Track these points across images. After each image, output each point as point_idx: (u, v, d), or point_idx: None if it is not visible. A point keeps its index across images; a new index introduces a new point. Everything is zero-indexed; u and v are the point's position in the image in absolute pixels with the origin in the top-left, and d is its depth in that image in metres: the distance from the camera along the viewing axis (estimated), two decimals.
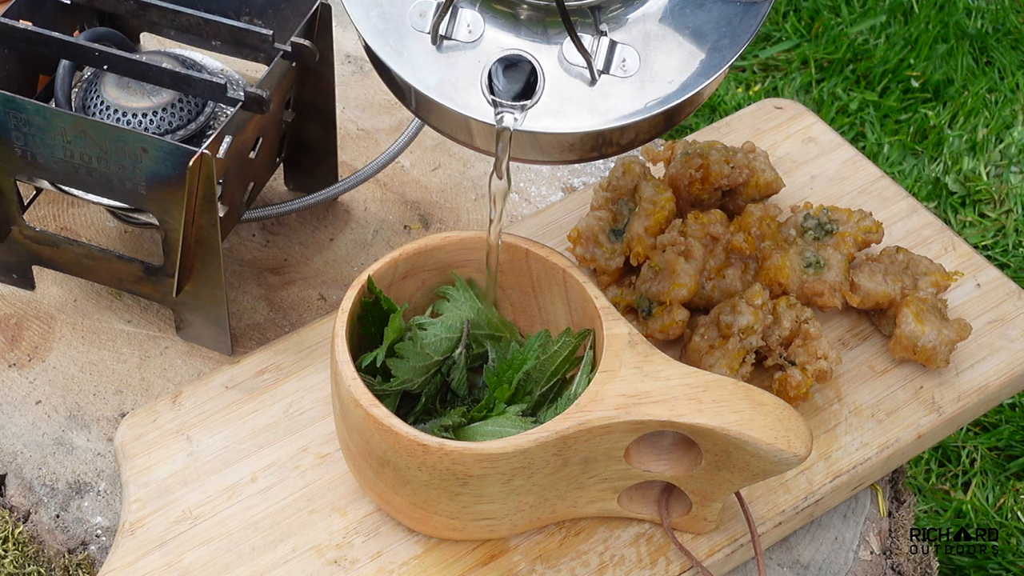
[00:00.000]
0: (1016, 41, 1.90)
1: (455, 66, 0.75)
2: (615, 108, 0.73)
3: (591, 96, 0.74)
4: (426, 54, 0.75)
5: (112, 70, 0.87)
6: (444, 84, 0.74)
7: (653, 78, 0.73)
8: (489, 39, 0.75)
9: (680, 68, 0.73)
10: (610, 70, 0.74)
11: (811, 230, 0.93)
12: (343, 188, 0.98)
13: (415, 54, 0.75)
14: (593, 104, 0.74)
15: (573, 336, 0.80)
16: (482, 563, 0.80)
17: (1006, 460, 1.44)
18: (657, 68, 0.74)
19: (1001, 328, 0.94)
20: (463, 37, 0.75)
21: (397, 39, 0.75)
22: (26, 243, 0.92)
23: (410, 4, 0.75)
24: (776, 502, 0.84)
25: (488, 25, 0.75)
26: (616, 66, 0.74)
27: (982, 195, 1.70)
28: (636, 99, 0.73)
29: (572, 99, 0.74)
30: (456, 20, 0.75)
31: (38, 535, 0.84)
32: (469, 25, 0.75)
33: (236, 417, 0.87)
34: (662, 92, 0.73)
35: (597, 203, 0.96)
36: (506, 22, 0.75)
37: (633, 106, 0.73)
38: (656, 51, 0.74)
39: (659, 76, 0.73)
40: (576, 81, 0.74)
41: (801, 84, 1.82)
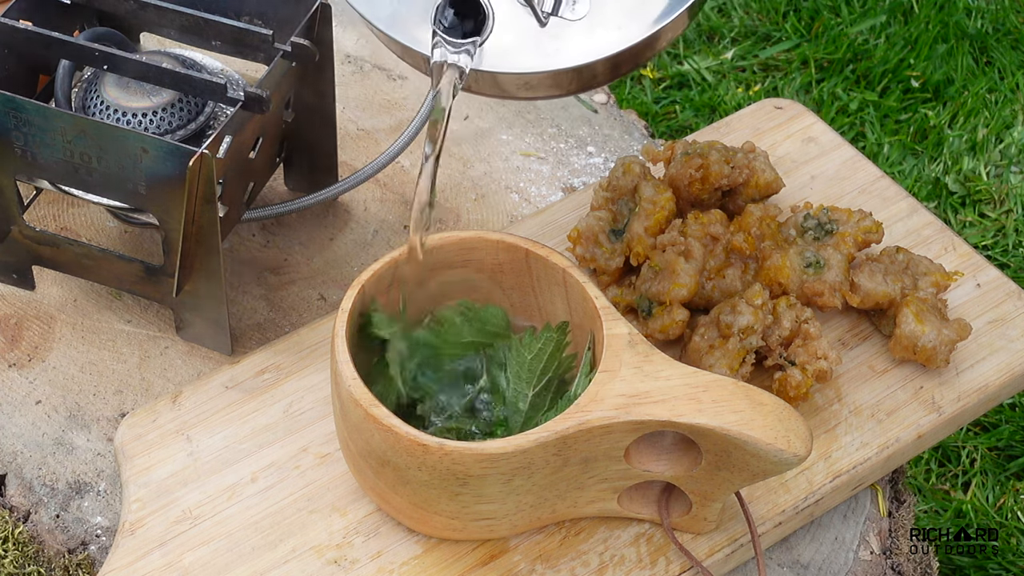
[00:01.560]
0: (1016, 41, 1.90)
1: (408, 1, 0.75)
2: (562, 51, 0.74)
3: (540, 37, 0.74)
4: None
5: (112, 70, 0.87)
6: (394, 17, 0.75)
7: (603, 22, 0.73)
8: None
9: (630, 13, 0.73)
10: (559, 12, 0.74)
11: (811, 230, 0.93)
12: (343, 188, 0.98)
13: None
14: (541, 46, 0.74)
15: (554, 331, 0.80)
16: (482, 563, 0.80)
17: (1006, 460, 1.44)
18: (608, 12, 0.73)
19: (1001, 328, 0.94)
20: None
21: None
22: (26, 243, 0.92)
23: None
24: (776, 502, 0.84)
25: None
26: (566, 8, 0.74)
27: (982, 195, 1.70)
28: (583, 43, 0.73)
29: (521, 40, 0.74)
30: None
31: (38, 535, 0.84)
32: None
33: (236, 417, 0.87)
34: (609, 38, 0.73)
35: (597, 203, 0.96)
36: None
37: (579, 50, 0.73)
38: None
39: (609, 21, 0.73)
40: (527, 22, 0.74)
41: (801, 84, 1.82)
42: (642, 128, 1.14)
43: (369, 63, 1.16)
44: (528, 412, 0.80)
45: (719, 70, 1.84)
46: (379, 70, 1.15)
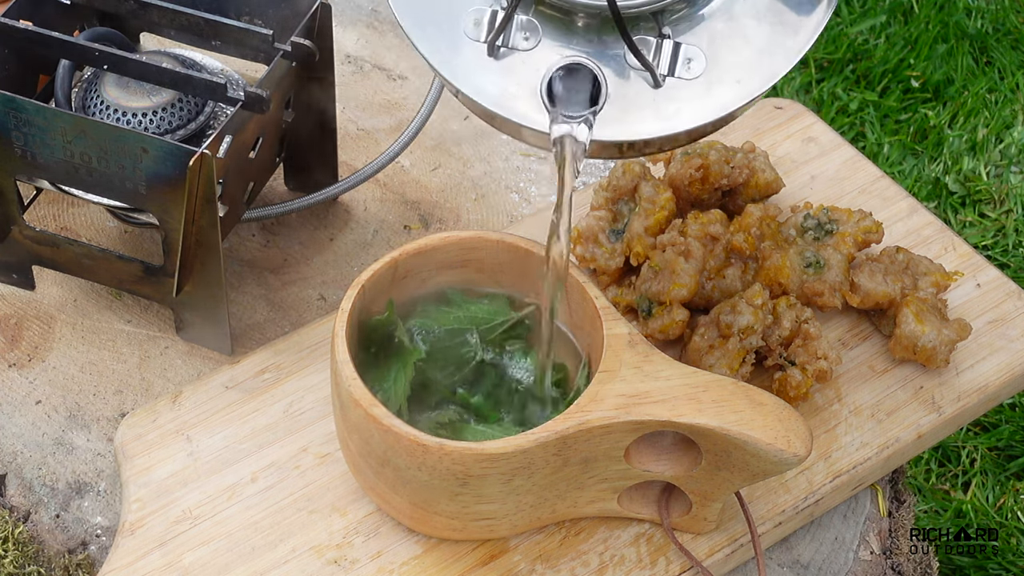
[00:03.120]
0: (1016, 41, 1.90)
1: (513, 76, 0.72)
2: (681, 112, 0.71)
3: (656, 100, 0.72)
4: (482, 64, 0.72)
5: (112, 70, 0.87)
6: (504, 96, 0.72)
7: (721, 78, 0.71)
8: (547, 47, 0.72)
9: (748, 66, 0.71)
10: (675, 72, 0.72)
11: (811, 230, 0.93)
12: (343, 188, 0.98)
13: (471, 65, 0.73)
14: (658, 109, 0.71)
15: None
16: (482, 563, 0.80)
17: (1006, 460, 1.44)
18: (724, 67, 0.71)
19: (1001, 328, 0.94)
20: (520, 46, 0.73)
21: (452, 50, 0.73)
22: (26, 243, 0.92)
23: (463, 13, 0.73)
24: (776, 502, 0.84)
25: (545, 31, 0.73)
26: (681, 68, 0.72)
27: (982, 195, 1.70)
28: (703, 101, 0.71)
29: (636, 104, 0.72)
30: (511, 27, 0.73)
31: (38, 535, 0.84)
32: (525, 33, 0.73)
33: (236, 417, 0.87)
34: (730, 92, 0.71)
35: (597, 203, 0.96)
36: (563, 28, 0.73)
37: (699, 109, 0.71)
38: (722, 50, 0.72)
39: (727, 76, 0.71)
40: (641, 85, 0.72)
41: (801, 84, 1.82)
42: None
43: (369, 63, 1.16)
44: None
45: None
46: (379, 70, 1.15)
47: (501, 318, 0.83)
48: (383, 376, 0.80)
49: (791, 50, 0.71)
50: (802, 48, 0.71)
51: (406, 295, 0.82)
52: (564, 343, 0.82)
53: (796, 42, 0.71)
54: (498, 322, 0.83)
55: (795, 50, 0.71)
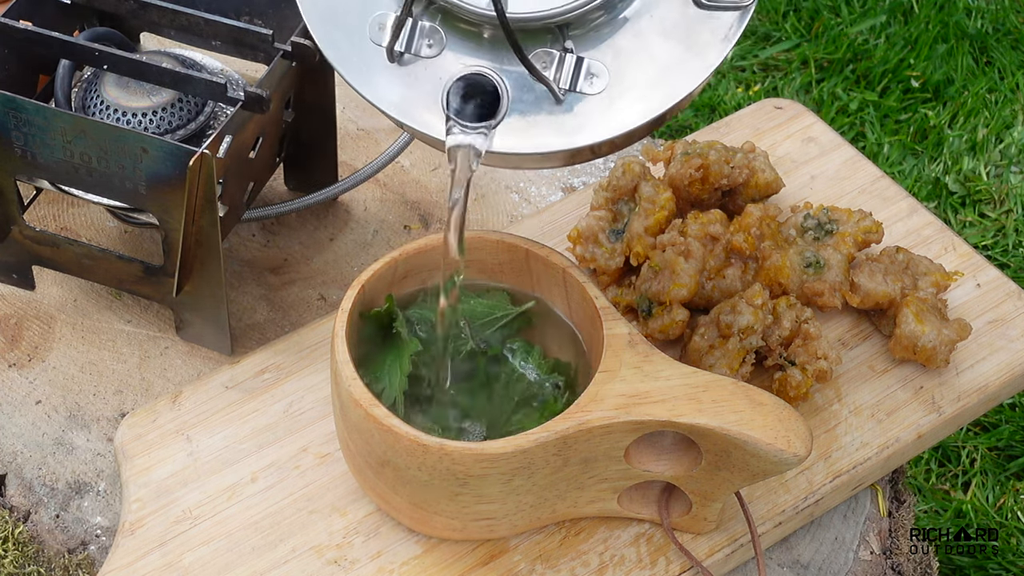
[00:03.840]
0: (1016, 41, 1.90)
1: (416, 82, 0.72)
2: (582, 128, 0.71)
3: (558, 115, 0.71)
4: (385, 69, 0.72)
5: (112, 70, 0.87)
6: (404, 101, 0.72)
7: (623, 95, 0.71)
8: (451, 55, 0.72)
9: (651, 84, 0.70)
10: (577, 87, 0.71)
11: (811, 230, 0.93)
12: (343, 188, 0.98)
13: (374, 69, 0.72)
14: (560, 123, 0.71)
15: None
16: (482, 563, 0.80)
17: (1006, 460, 1.44)
18: (627, 84, 0.71)
19: (1001, 328, 0.94)
20: (423, 52, 0.72)
21: (358, 54, 0.73)
22: (26, 243, 0.92)
23: (369, 17, 0.73)
24: (776, 502, 0.84)
25: (450, 40, 0.72)
26: (584, 83, 0.71)
27: (982, 195, 1.70)
28: (604, 117, 0.71)
29: (537, 119, 0.71)
30: (416, 35, 0.72)
31: (38, 535, 0.84)
32: (429, 40, 0.72)
33: (236, 417, 0.87)
34: (631, 111, 0.70)
35: (597, 203, 0.96)
36: (469, 38, 0.73)
37: (600, 125, 0.71)
38: (627, 66, 0.71)
39: (629, 92, 0.71)
40: (543, 99, 0.71)
41: (801, 84, 1.82)
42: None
43: None
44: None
45: (719, 70, 1.84)
46: None
47: (500, 312, 0.83)
48: (379, 367, 0.80)
49: (697, 69, 0.70)
50: (709, 67, 0.70)
51: (406, 289, 0.82)
52: (571, 341, 0.82)
53: (703, 62, 0.70)
54: (497, 316, 0.83)
55: (701, 69, 0.70)
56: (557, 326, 0.83)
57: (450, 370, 0.81)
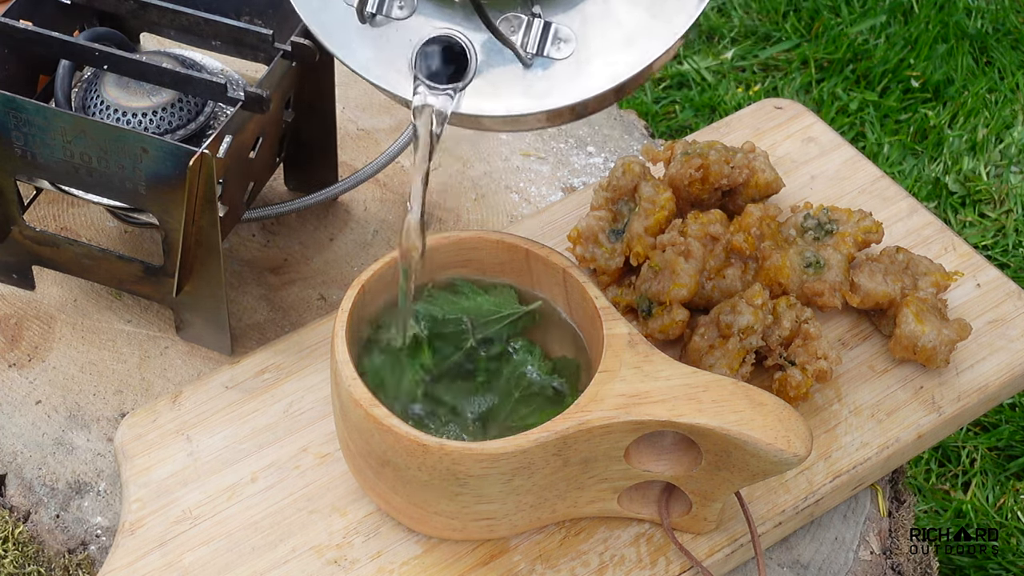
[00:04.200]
0: (1016, 41, 1.90)
1: (386, 43, 0.73)
2: (549, 91, 0.72)
3: (526, 77, 0.72)
4: (357, 30, 0.74)
5: (112, 70, 0.87)
6: (373, 61, 0.73)
7: (590, 60, 0.71)
8: (421, 17, 0.73)
9: (618, 49, 0.71)
10: (544, 51, 0.72)
11: (811, 230, 0.93)
12: (343, 188, 0.98)
13: (347, 29, 0.74)
14: (527, 86, 0.72)
15: None
16: (482, 563, 0.80)
17: (1006, 460, 1.44)
18: (594, 49, 0.71)
19: (1001, 328, 0.94)
20: (394, 14, 0.74)
21: (330, 13, 0.74)
22: (26, 243, 0.92)
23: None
24: (776, 502, 0.84)
25: (421, 3, 0.73)
26: (551, 48, 0.72)
27: (982, 195, 1.70)
28: (571, 81, 0.72)
29: (505, 81, 0.72)
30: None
31: (38, 535, 0.84)
32: (400, 2, 0.74)
33: (236, 417, 0.87)
34: (598, 75, 0.71)
35: (597, 203, 0.96)
36: (440, 2, 0.74)
37: (567, 90, 0.72)
38: (594, 31, 0.72)
39: (596, 58, 0.71)
40: (511, 63, 0.72)
41: (801, 84, 1.82)
42: (642, 128, 1.14)
43: None
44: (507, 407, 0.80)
45: (719, 70, 1.84)
46: None
47: (507, 311, 0.83)
48: (382, 365, 0.80)
49: (663, 35, 0.71)
50: (675, 34, 0.71)
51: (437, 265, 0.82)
52: (573, 341, 0.82)
53: (670, 28, 0.71)
54: (503, 314, 0.82)
55: (667, 35, 0.71)
56: (559, 326, 0.83)
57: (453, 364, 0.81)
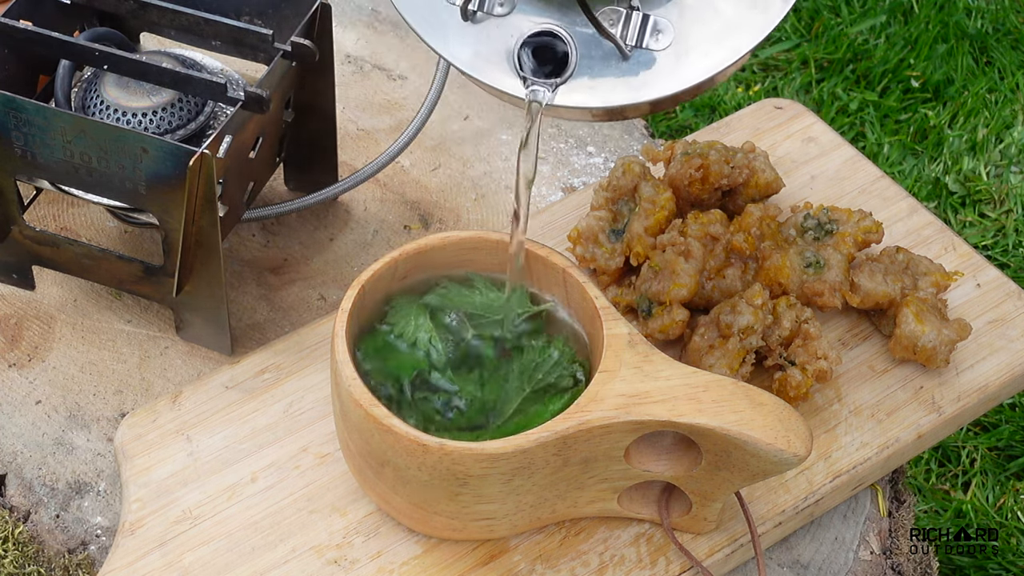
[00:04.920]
0: (1016, 41, 1.90)
1: (488, 40, 0.75)
2: (648, 82, 0.73)
3: (625, 70, 0.73)
4: (459, 27, 0.75)
5: (112, 70, 0.87)
6: (477, 58, 0.75)
7: (688, 50, 0.73)
8: (521, 12, 0.75)
9: (715, 39, 0.72)
10: (643, 44, 0.73)
11: (811, 230, 0.93)
12: (343, 188, 0.98)
13: (448, 27, 0.75)
14: (627, 79, 0.73)
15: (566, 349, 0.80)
16: (482, 563, 0.80)
17: (1006, 460, 1.44)
18: (692, 39, 0.73)
19: (1001, 328, 0.94)
20: (495, 11, 0.75)
21: (431, 12, 0.75)
22: (26, 243, 0.92)
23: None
24: (776, 502, 0.84)
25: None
26: (649, 39, 0.73)
27: (982, 195, 1.70)
28: (670, 73, 0.73)
29: (605, 74, 0.73)
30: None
31: (38, 535, 0.84)
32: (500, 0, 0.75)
33: (236, 417, 0.87)
34: (696, 65, 0.73)
35: (597, 203, 0.96)
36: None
37: (666, 80, 0.73)
38: (692, 21, 0.73)
39: (695, 48, 0.73)
40: (610, 55, 0.73)
41: (801, 84, 1.82)
42: (642, 128, 1.14)
43: (369, 63, 1.16)
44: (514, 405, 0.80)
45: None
46: (379, 70, 1.15)
47: (519, 309, 0.83)
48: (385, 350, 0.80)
49: (759, 25, 0.72)
50: (771, 23, 0.72)
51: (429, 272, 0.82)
52: (576, 341, 0.82)
53: (765, 18, 0.72)
54: (516, 312, 0.82)
55: (763, 25, 0.72)
56: (562, 326, 0.83)
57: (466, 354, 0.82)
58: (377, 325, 0.81)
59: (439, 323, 0.81)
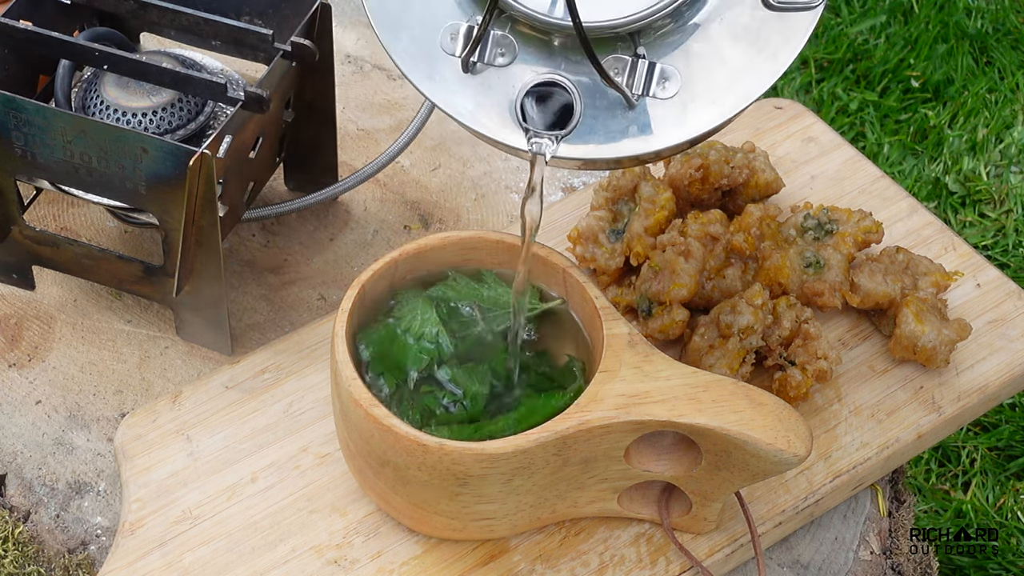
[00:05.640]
0: (1016, 41, 1.90)
1: (489, 91, 0.73)
2: (656, 132, 0.71)
3: (630, 120, 0.72)
4: (458, 78, 0.73)
5: (112, 70, 0.87)
6: (478, 110, 0.73)
7: (695, 98, 0.71)
8: (523, 62, 0.73)
9: (723, 87, 0.71)
10: (650, 92, 0.72)
11: (811, 230, 0.93)
12: (343, 188, 0.98)
13: (447, 79, 0.73)
14: (632, 128, 0.72)
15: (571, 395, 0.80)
16: (482, 563, 0.80)
17: (1006, 460, 1.44)
18: (700, 88, 0.71)
19: (1001, 328, 0.94)
20: (497, 62, 0.73)
21: (428, 63, 0.73)
22: (26, 243, 0.92)
23: (440, 27, 0.73)
24: (776, 502, 0.84)
25: (522, 49, 0.73)
26: (656, 88, 0.72)
27: (982, 195, 1.70)
28: (677, 122, 0.71)
29: (610, 124, 0.72)
30: (487, 43, 0.73)
31: (38, 535, 0.84)
32: (502, 49, 0.73)
33: (236, 417, 0.87)
34: (704, 113, 0.71)
35: (597, 203, 0.96)
36: (540, 46, 0.73)
37: (673, 129, 0.71)
38: (699, 70, 0.71)
39: (702, 96, 0.71)
40: (616, 103, 0.72)
41: (801, 84, 1.82)
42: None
43: (369, 63, 1.16)
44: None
45: None
46: (379, 70, 1.16)
47: (528, 305, 0.82)
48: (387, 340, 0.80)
49: (767, 72, 0.71)
50: (779, 70, 0.71)
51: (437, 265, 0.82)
52: (581, 340, 0.82)
53: (773, 64, 0.71)
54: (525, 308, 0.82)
55: (772, 71, 0.71)
56: (569, 322, 0.83)
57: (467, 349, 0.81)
58: (383, 318, 0.81)
59: (445, 316, 0.81)
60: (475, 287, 0.82)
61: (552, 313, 0.82)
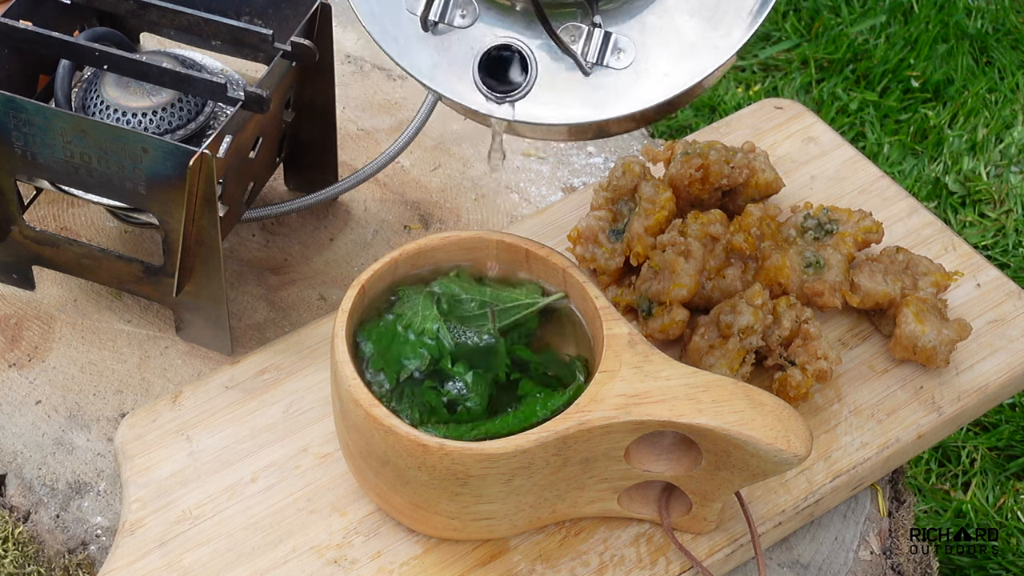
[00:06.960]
0: (1016, 41, 1.90)
1: (448, 51, 0.75)
2: (607, 101, 0.73)
3: (585, 87, 0.73)
4: (419, 38, 0.75)
5: (112, 70, 0.87)
6: (436, 69, 0.74)
7: (648, 70, 0.72)
8: (483, 25, 0.75)
9: (676, 60, 0.72)
10: (604, 61, 0.73)
11: (811, 230, 0.93)
12: (343, 188, 0.98)
13: (409, 37, 0.75)
14: (586, 96, 0.73)
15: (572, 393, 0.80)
16: (482, 563, 0.80)
17: (1006, 460, 1.44)
18: (653, 59, 0.73)
19: (1001, 328, 0.94)
20: (456, 22, 0.75)
21: (394, 22, 0.75)
22: (26, 243, 0.92)
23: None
24: (776, 502, 0.84)
25: (483, 11, 0.75)
26: (611, 57, 0.73)
27: (982, 195, 1.70)
28: (630, 91, 0.73)
29: (565, 90, 0.73)
30: (450, 5, 0.75)
31: (38, 535, 0.84)
32: (462, 11, 0.75)
33: (236, 417, 0.87)
34: (656, 86, 0.72)
35: (597, 203, 0.96)
36: (501, 10, 0.75)
37: (625, 99, 0.73)
38: (654, 42, 0.73)
39: (655, 68, 0.72)
40: (571, 71, 0.73)
41: (801, 84, 1.82)
42: (642, 128, 1.14)
43: (369, 63, 1.16)
44: None
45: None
46: (379, 70, 1.16)
47: (528, 299, 0.82)
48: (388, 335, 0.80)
49: (721, 48, 0.72)
50: (733, 46, 0.72)
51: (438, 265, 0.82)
52: (584, 338, 0.82)
53: (728, 41, 0.72)
54: (524, 303, 0.82)
55: (726, 47, 0.72)
56: (567, 323, 0.83)
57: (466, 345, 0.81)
58: (384, 314, 0.80)
59: (446, 312, 0.81)
60: (476, 284, 0.82)
61: (553, 311, 0.82)
